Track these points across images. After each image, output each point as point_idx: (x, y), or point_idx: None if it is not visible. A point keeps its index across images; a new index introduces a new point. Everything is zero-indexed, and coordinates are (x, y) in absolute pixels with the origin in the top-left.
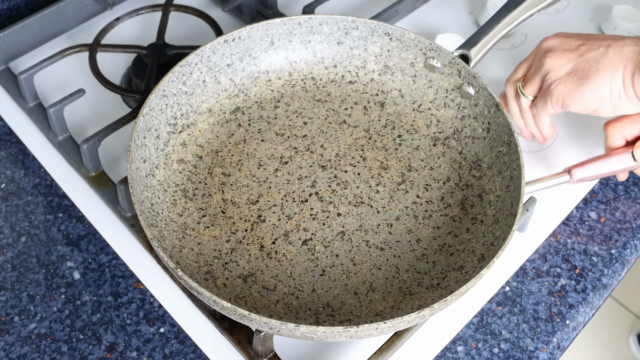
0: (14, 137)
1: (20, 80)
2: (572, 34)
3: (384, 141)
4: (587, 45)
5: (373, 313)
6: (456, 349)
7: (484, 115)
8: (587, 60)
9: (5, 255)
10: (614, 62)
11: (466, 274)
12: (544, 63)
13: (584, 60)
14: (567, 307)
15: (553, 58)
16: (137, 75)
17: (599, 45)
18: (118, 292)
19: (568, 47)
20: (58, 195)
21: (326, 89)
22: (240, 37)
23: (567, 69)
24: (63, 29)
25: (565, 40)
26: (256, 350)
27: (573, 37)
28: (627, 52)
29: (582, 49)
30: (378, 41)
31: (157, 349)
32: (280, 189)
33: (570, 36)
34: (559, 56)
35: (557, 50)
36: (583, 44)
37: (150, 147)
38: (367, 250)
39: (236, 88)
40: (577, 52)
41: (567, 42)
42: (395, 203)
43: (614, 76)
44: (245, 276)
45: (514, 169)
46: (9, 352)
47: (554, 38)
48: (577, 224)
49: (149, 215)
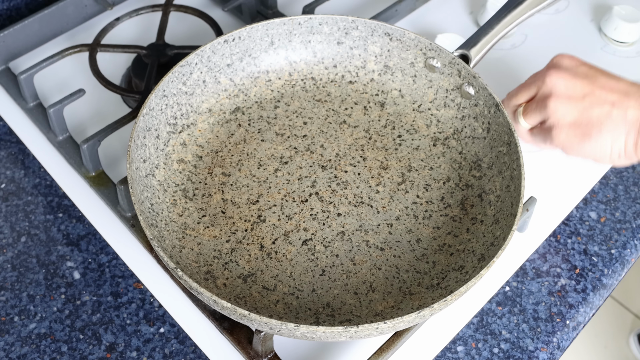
0: (14, 137)
1: (20, 80)
2: (579, 73)
3: (384, 141)
4: (592, 98)
5: (373, 313)
6: (456, 349)
7: (484, 115)
8: (591, 118)
9: (5, 255)
10: (617, 126)
11: (466, 274)
12: (547, 105)
13: (588, 117)
14: (567, 307)
15: (557, 103)
16: (137, 75)
17: (604, 101)
18: (118, 292)
19: (573, 94)
20: (58, 195)
21: (326, 89)
22: (240, 37)
23: (570, 119)
24: (63, 29)
25: (572, 82)
26: (256, 350)
27: (579, 78)
28: (631, 116)
29: (587, 102)
30: (378, 41)
31: (157, 349)
32: (280, 189)
33: (577, 76)
34: (563, 103)
35: (562, 95)
36: (589, 93)
37: (150, 147)
38: (367, 250)
39: (236, 88)
40: (581, 104)
41: (573, 86)
42: (395, 203)
43: (616, 140)
44: (245, 276)
45: (514, 169)
46: (9, 352)
47: (559, 73)
48: (577, 224)
49: (149, 215)
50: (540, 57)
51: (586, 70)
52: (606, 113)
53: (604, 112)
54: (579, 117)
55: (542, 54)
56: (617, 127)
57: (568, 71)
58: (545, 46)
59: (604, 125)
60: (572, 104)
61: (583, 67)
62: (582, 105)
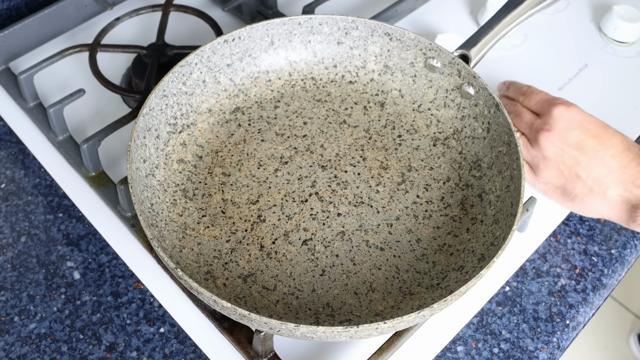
0: (14, 137)
1: (20, 80)
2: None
3: (384, 141)
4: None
5: (373, 313)
6: (456, 349)
7: (484, 115)
8: (575, 194)
9: (5, 255)
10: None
11: (466, 274)
12: (537, 164)
13: (571, 191)
14: (567, 307)
15: (547, 167)
16: (137, 75)
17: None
18: (118, 292)
19: (563, 162)
20: (58, 195)
21: (326, 89)
22: (240, 37)
23: (557, 183)
24: (63, 29)
25: (563, 149)
26: (256, 350)
27: (571, 147)
28: (611, 196)
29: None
30: (378, 41)
31: (157, 349)
32: (280, 189)
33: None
34: (553, 167)
35: (553, 161)
36: (576, 164)
37: (150, 147)
38: (367, 250)
39: (236, 88)
40: (568, 174)
41: (565, 153)
42: (395, 203)
43: (599, 212)
44: (245, 276)
45: (514, 169)
46: (9, 352)
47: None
48: (577, 224)
49: (149, 215)
50: (540, 57)
51: (579, 137)
52: (587, 193)
53: (585, 191)
54: (565, 186)
55: (542, 54)
56: (599, 209)
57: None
58: (545, 46)
59: (585, 202)
60: (559, 172)
61: (576, 131)
62: (569, 176)
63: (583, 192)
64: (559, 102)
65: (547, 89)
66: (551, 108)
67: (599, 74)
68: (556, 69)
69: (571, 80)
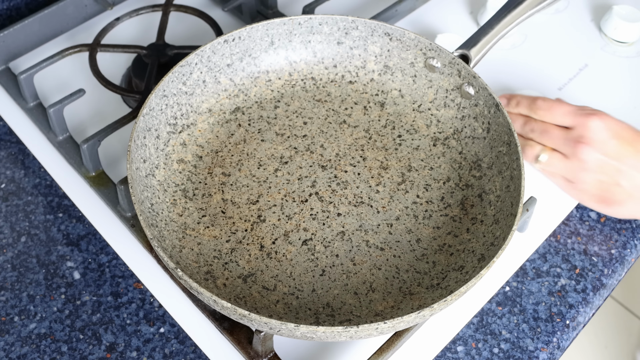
0: (14, 137)
1: (20, 80)
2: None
3: (384, 141)
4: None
5: (373, 313)
6: (456, 349)
7: (484, 115)
8: (614, 200)
9: (5, 255)
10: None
11: (466, 274)
12: (575, 175)
13: (609, 197)
14: (567, 307)
15: (587, 178)
16: (137, 75)
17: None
18: (118, 292)
19: (604, 172)
20: (58, 195)
21: (326, 89)
22: (240, 37)
23: (595, 191)
24: (63, 29)
25: (603, 160)
26: (256, 350)
27: (611, 157)
28: None
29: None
30: (378, 41)
31: (157, 349)
32: (280, 189)
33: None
34: (593, 178)
35: (593, 172)
36: (617, 173)
37: (150, 147)
38: (367, 250)
39: (236, 88)
40: (609, 183)
41: (606, 164)
42: (395, 203)
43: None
44: (245, 276)
45: (514, 169)
46: (9, 352)
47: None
48: (577, 224)
49: (149, 215)
50: (540, 57)
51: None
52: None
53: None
54: (602, 192)
55: (542, 54)
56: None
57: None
58: (545, 46)
59: (624, 204)
60: (599, 184)
61: (615, 141)
62: (609, 184)
63: (622, 197)
64: (590, 113)
65: (547, 89)
66: (585, 120)
67: (599, 74)
68: (556, 69)
69: (571, 80)
